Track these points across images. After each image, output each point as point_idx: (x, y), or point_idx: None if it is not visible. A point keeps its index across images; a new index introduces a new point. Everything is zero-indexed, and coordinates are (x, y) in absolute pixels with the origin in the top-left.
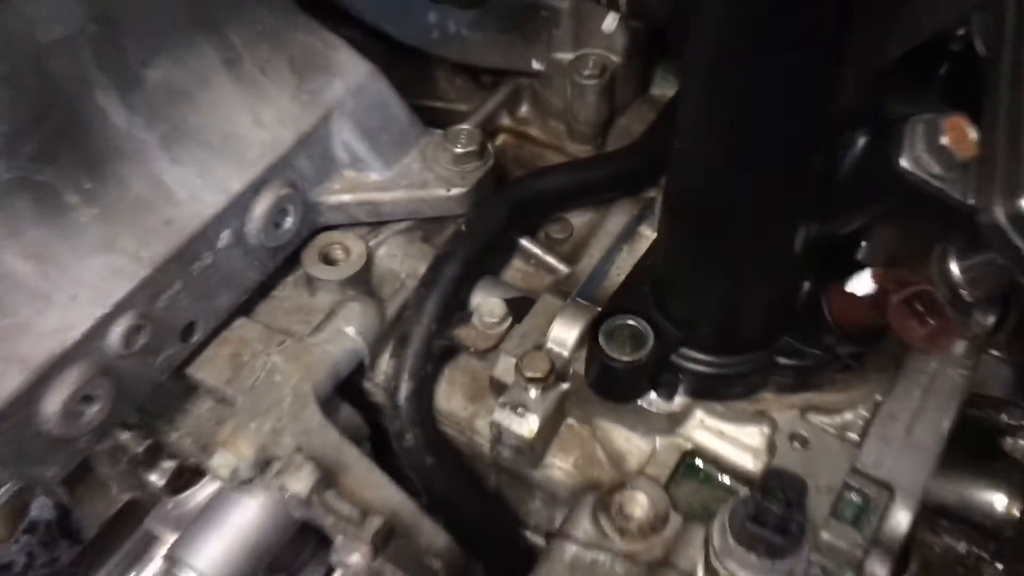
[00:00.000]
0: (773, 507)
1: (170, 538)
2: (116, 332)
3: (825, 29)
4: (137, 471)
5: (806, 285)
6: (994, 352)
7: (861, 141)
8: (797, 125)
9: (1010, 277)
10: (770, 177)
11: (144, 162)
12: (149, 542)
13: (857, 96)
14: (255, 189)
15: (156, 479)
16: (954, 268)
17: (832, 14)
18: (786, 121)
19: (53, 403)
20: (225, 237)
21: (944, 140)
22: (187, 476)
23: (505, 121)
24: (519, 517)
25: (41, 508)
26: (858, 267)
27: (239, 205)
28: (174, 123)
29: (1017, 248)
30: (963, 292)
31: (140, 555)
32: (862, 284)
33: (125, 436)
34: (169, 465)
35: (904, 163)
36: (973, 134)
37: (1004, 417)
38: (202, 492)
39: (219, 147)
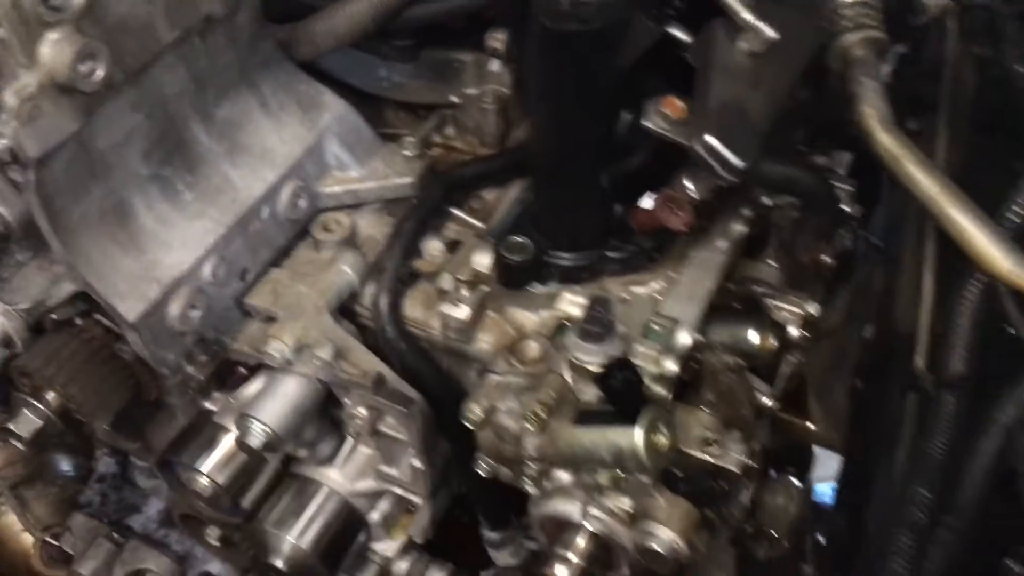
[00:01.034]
0: (596, 314)
1: (234, 425)
2: (207, 268)
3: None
4: (198, 399)
5: (619, 208)
6: (768, 261)
7: (629, 116)
8: (594, 117)
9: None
10: (581, 141)
11: (218, 166)
12: (217, 431)
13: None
14: (282, 181)
15: (212, 404)
16: (687, 182)
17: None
18: (584, 117)
19: (174, 308)
20: (265, 212)
21: (664, 109)
22: (239, 377)
23: (437, 139)
24: (464, 389)
25: (107, 464)
26: (646, 192)
27: (273, 191)
28: (233, 141)
29: (709, 164)
30: (690, 193)
31: (212, 440)
32: (648, 202)
33: (191, 369)
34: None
35: (646, 123)
36: (680, 105)
37: (757, 288)
38: (254, 386)
39: (259, 156)
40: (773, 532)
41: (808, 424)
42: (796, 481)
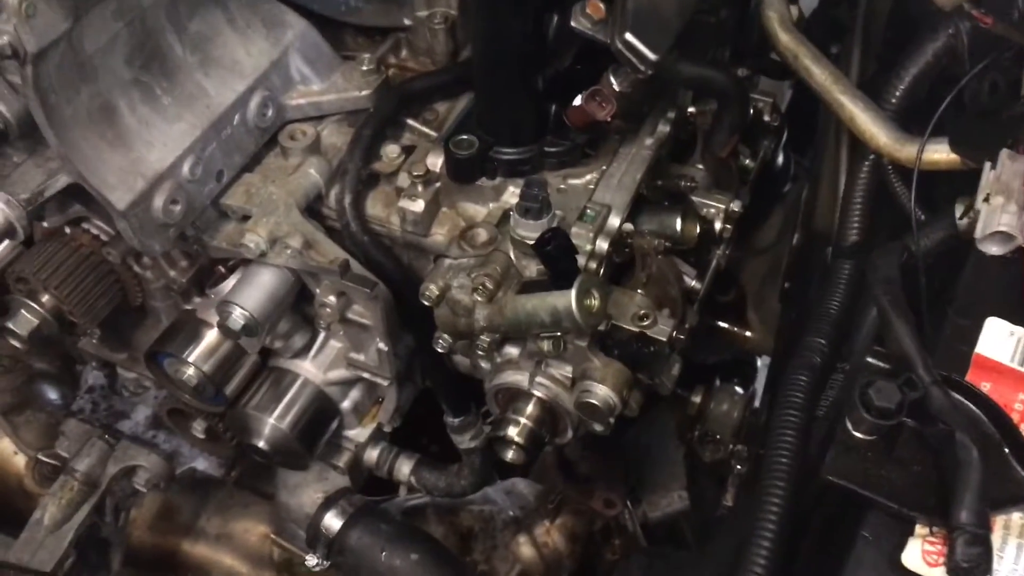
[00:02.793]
0: (532, 192)
1: (216, 319)
2: (186, 166)
3: None
4: (180, 301)
5: (554, 108)
6: (697, 166)
7: (557, 18)
8: (525, 23)
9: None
10: (515, 45)
11: (192, 74)
12: (201, 325)
13: None
14: (250, 92)
15: (193, 306)
16: (611, 77)
17: None
18: (515, 23)
19: (158, 201)
20: (236, 118)
21: (588, 11)
22: (219, 276)
23: (392, 60)
24: (422, 280)
25: (95, 376)
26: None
27: (243, 100)
28: (205, 53)
29: (628, 58)
30: (614, 87)
31: (196, 333)
32: (578, 99)
33: (173, 272)
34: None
35: (573, 23)
36: (601, 7)
37: (682, 183)
38: (232, 280)
39: (229, 67)
40: (718, 436)
41: (746, 333)
42: (739, 389)
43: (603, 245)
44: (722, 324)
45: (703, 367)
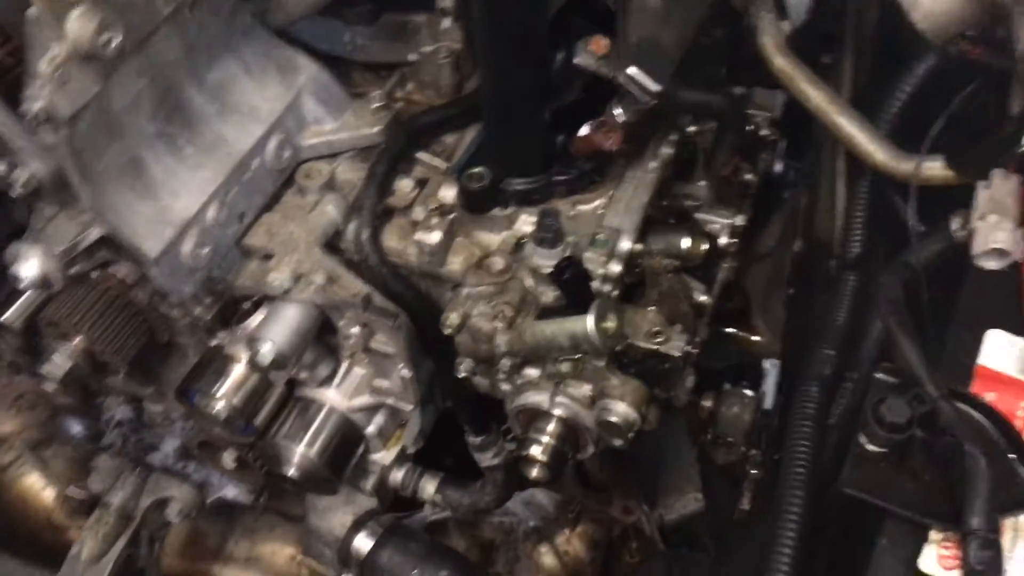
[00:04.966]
0: (546, 223)
1: (243, 354)
2: (211, 211)
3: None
4: (206, 338)
5: (561, 137)
6: (699, 183)
7: (561, 54)
8: (531, 60)
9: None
10: (522, 81)
11: (211, 123)
12: (228, 360)
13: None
14: (267, 135)
15: (219, 341)
16: (615, 108)
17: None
18: (521, 60)
19: (186, 246)
20: (255, 162)
21: (592, 48)
22: (243, 312)
23: (399, 94)
24: (441, 308)
25: (123, 411)
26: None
27: (261, 144)
28: (223, 102)
29: (632, 90)
30: (619, 118)
31: (224, 368)
32: (584, 129)
33: (199, 310)
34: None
35: (578, 60)
36: (604, 43)
37: (687, 202)
38: (258, 317)
39: (247, 113)
40: (730, 439)
41: (753, 338)
42: (749, 392)
43: (615, 268)
44: (729, 330)
45: (712, 372)
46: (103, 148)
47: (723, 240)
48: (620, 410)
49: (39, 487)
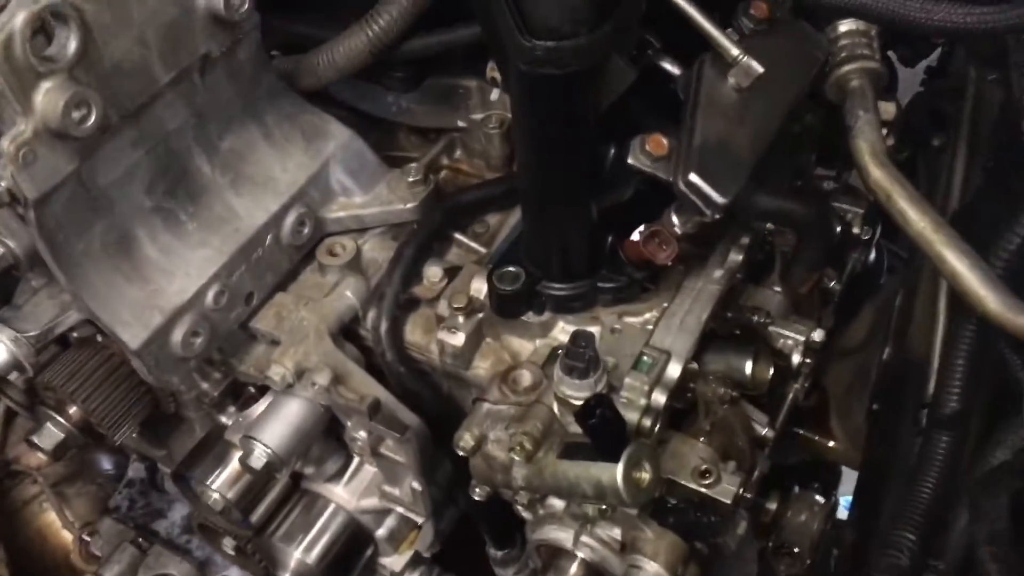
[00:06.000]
0: (577, 350)
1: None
2: (210, 295)
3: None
4: (213, 413)
5: (610, 238)
6: (775, 288)
7: (612, 151)
8: (577, 153)
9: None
10: (565, 176)
11: (221, 196)
12: (228, 448)
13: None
14: (285, 209)
15: (227, 418)
16: (673, 217)
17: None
18: (563, 154)
19: (176, 335)
20: (269, 238)
21: (648, 147)
22: (249, 398)
23: (445, 161)
24: (463, 411)
25: (136, 470)
26: (636, 226)
27: (276, 219)
28: (237, 172)
29: (692, 201)
30: (676, 229)
31: (223, 457)
32: (636, 235)
33: (206, 385)
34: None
35: (631, 160)
36: (664, 143)
37: (755, 317)
38: (261, 407)
39: (262, 185)
40: (795, 548)
41: (828, 443)
42: (819, 497)
43: (660, 399)
44: (802, 432)
45: (779, 468)
46: (85, 226)
47: (796, 359)
48: (651, 570)
49: (59, 526)
